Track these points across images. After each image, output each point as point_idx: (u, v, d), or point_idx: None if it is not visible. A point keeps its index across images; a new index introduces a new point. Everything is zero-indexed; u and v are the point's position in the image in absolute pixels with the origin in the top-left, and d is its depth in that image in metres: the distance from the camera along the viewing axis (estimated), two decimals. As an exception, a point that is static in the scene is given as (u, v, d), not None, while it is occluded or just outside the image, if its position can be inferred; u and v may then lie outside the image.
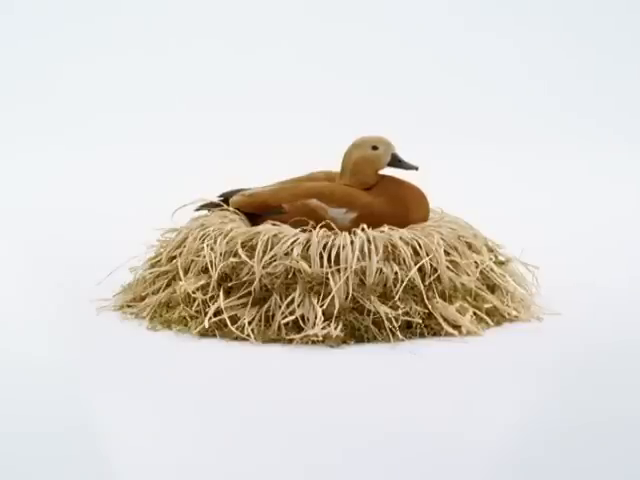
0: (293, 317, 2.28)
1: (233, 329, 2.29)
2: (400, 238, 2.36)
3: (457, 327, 2.32)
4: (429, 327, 2.31)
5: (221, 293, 2.34)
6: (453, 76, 4.36)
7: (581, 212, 3.51)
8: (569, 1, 4.47)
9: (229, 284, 2.34)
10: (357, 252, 2.30)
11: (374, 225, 2.40)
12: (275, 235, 2.35)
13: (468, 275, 2.39)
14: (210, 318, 2.31)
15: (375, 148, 2.47)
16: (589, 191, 3.77)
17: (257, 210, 2.50)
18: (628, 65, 4.45)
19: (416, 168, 2.47)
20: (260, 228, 2.40)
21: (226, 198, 2.58)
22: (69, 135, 4.14)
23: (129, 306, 2.47)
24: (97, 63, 4.35)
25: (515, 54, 4.43)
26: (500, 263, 2.51)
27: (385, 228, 2.39)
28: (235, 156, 3.90)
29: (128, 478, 1.69)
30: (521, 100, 4.35)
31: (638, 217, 3.46)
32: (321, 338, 2.25)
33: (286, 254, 2.32)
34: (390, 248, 2.34)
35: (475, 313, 2.37)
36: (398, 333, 2.27)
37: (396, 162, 2.48)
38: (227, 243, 2.38)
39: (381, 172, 2.50)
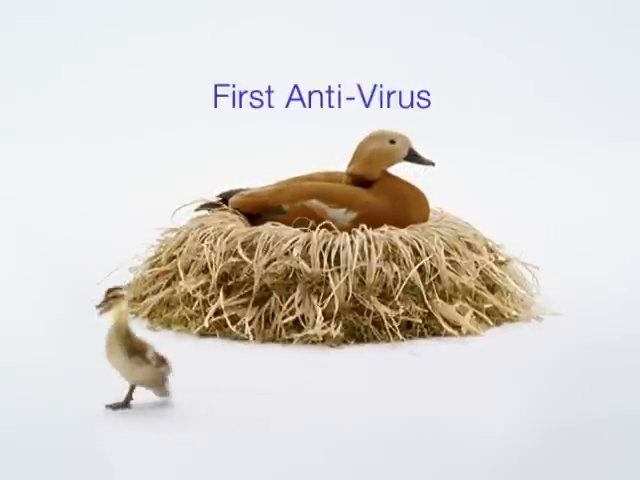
0: (293, 317, 2.28)
1: (233, 329, 2.29)
2: (400, 238, 2.36)
3: (457, 327, 2.32)
4: (429, 327, 2.31)
5: (221, 293, 2.34)
6: (452, 76, 4.36)
7: (581, 212, 3.50)
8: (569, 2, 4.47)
9: (229, 284, 2.34)
10: (357, 252, 2.30)
11: (374, 225, 2.39)
12: (275, 235, 2.35)
13: (468, 275, 2.39)
14: (210, 318, 2.31)
15: (393, 142, 2.47)
16: (589, 191, 3.76)
17: (256, 210, 2.50)
18: (627, 64, 4.44)
19: (433, 164, 2.47)
20: (260, 228, 2.40)
21: (225, 198, 2.58)
22: (69, 135, 4.13)
23: (129, 306, 2.47)
24: (98, 62, 4.34)
25: (515, 54, 4.43)
26: (500, 263, 2.51)
27: (385, 228, 2.39)
28: (235, 156, 3.90)
29: (127, 478, 1.69)
30: (521, 100, 4.34)
31: (639, 218, 3.45)
32: (321, 338, 2.25)
33: (286, 254, 2.32)
34: (390, 248, 2.33)
35: (475, 313, 2.37)
36: (398, 333, 2.27)
37: (413, 157, 2.48)
38: (227, 243, 2.38)
39: (388, 170, 2.49)
